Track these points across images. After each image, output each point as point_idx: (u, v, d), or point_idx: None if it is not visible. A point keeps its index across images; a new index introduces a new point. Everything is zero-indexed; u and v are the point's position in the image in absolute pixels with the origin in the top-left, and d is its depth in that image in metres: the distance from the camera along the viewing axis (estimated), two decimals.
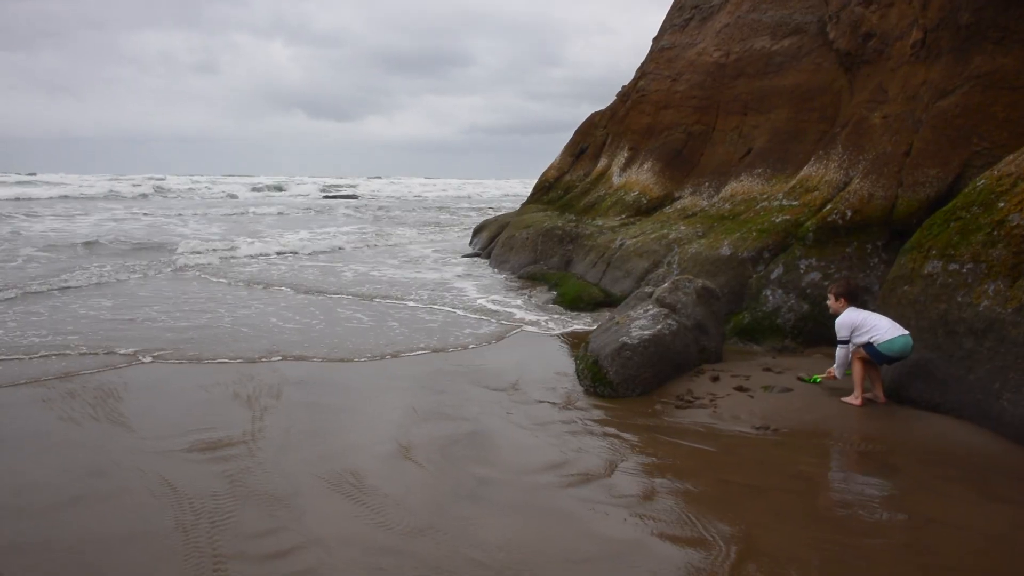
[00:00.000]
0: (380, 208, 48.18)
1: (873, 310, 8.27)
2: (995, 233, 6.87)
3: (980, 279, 6.71)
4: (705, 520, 4.78)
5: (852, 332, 7.09)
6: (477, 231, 23.07)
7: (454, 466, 5.70)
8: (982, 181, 7.77)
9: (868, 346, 6.96)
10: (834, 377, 7.32)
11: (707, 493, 5.22)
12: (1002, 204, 7.10)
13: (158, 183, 71.20)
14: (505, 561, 4.26)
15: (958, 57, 10.23)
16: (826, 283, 9.65)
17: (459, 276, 16.75)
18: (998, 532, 4.56)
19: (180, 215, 37.22)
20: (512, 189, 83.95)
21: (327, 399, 7.44)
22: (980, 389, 6.30)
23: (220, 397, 7.42)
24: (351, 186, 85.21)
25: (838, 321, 7.23)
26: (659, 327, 8.22)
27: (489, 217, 27.32)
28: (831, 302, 7.46)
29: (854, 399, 7.07)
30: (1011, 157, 7.83)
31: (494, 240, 20.21)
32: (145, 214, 37.44)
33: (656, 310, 8.66)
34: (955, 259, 7.05)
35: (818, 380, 7.72)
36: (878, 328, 6.93)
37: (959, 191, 8.72)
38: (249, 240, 23.84)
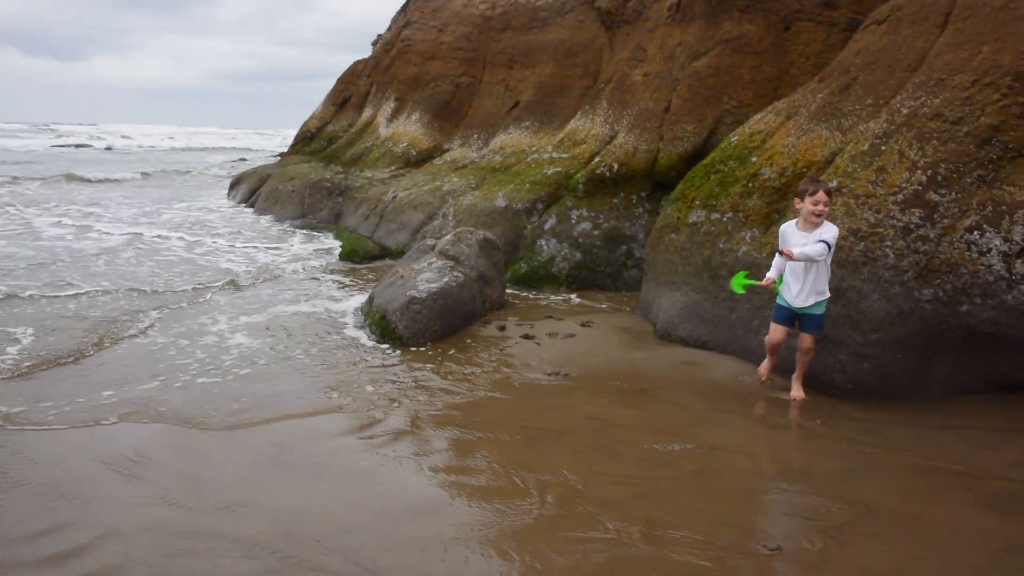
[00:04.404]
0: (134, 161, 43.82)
1: (640, 257, 8.81)
2: (750, 185, 7.53)
3: (738, 227, 7.34)
4: (516, 468, 4.84)
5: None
6: (234, 184, 21.67)
7: (250, 433, 5.33)
8: (736, 137, 8.48)
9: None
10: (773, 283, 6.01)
11: (513, 441, 5.30)
12: (755, 159, 7.79)
13: None
14: (320, 529, 4.05)
15: (710, 22, 11.02)
16: (596, 232, 10.16)
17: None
18: (772, 453, 5.08)
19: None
20: (267, 139, 79.80)
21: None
22: (741, 327, 6.94)
23: None
24: (97, 135, 74.79)
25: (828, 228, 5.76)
26: (446, 279, 8.19)
27: (247, 169, 25.73)
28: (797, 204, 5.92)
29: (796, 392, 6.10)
30: (759, 116, 8.61)
31: (255, 193, 19.10)
32: None
33: (441, 262, 8.62)
34: (716, 209, 7.66)
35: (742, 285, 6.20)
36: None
37: (713, 146, 9.46)
38: None
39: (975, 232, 5.94)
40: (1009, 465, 4.92)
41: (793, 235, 5.92)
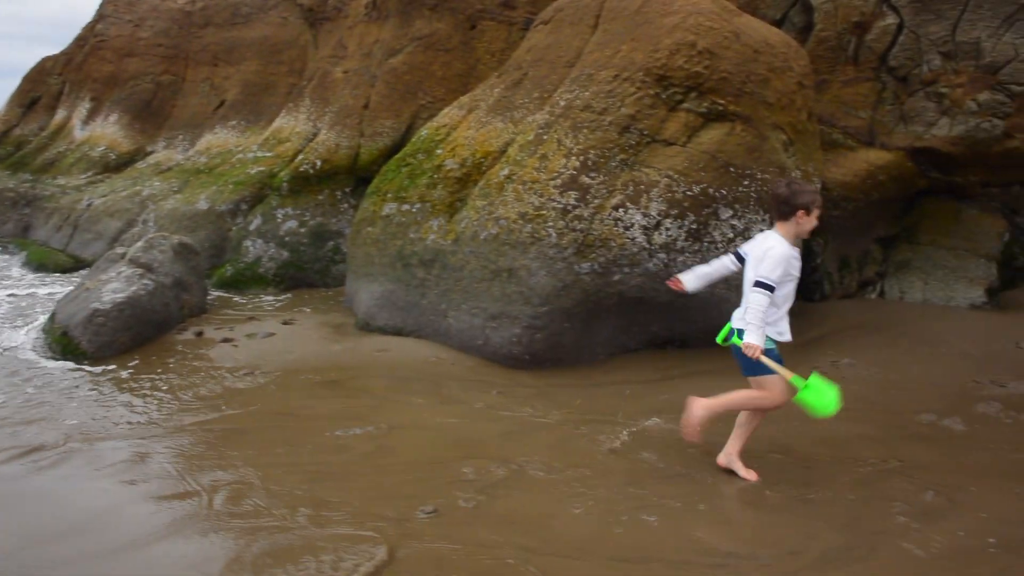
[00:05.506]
0: None
1: (347, 253, 8.92)
2: (435, 176, 7.90)
3: (427, 216, 7.68)
4: (191, 471, 4.77)
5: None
6: None
7: None
8: (425, 131, 8.85)
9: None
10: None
11: (196, 445, 5.22)
12: (440, 151, 8.18)
13: None
14: None
15: (403, 20, 11.35)
16: (303, 230, 10.13)
17: None
18: (447, 426, 5.42)
19: None
20: None
21: None
22: (432, 311, 7.29)
23: None
24: None
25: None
26: (134, 288, 7.80)
27: None
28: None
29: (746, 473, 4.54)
30: (446, 111, 9.04)
31: None
32: None
33: (130, 271, 8.18)
34: (407, 200, 7.95)
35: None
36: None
37: (411, 140, 9.77)
38: None
39: (620, 210, 6.70)
40: (649, 411, 5.63)
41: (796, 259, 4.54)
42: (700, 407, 4.51)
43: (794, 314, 7.98)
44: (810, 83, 7.97)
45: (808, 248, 8.38)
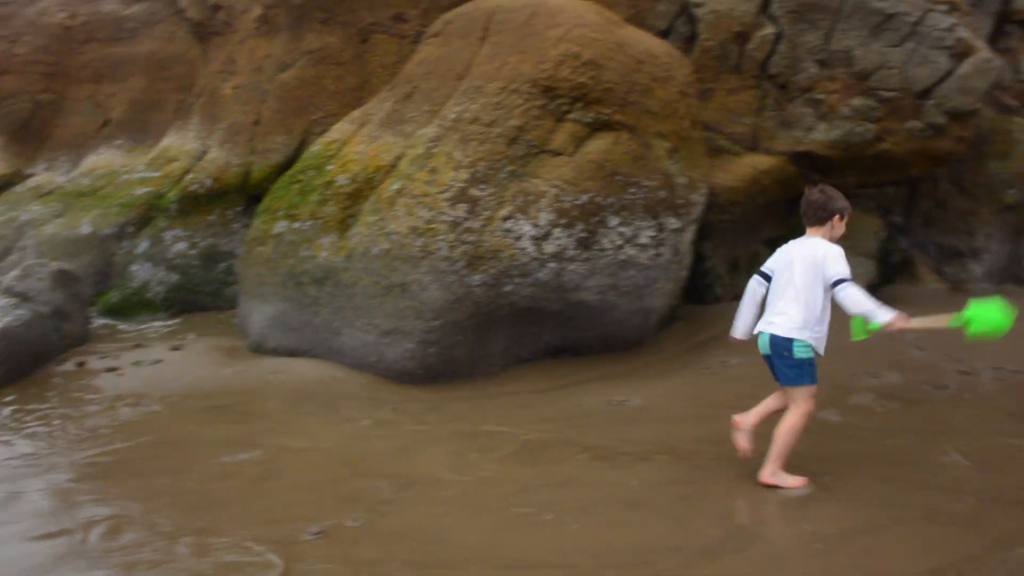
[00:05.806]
0: None
1: (239, 273, 8.70)
2: (326, 193, 7.80)
3: (318, 233, 7.56)
4: (69, 509, 4.57)
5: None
6: None
7: None
8: (316, 147, 8.74)
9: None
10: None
11: (74, 481, 5.01)
12: (331, 167, 8.08)
13: None
14: None
15: (294, 34, 11.19)
16: (193, 251, 9.84)
17: None
18: (338, 445, 5.36)
19: None
20: None
21: None
22: (325, 329, 7.17)
23: None
24: None
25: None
26: (8, 319, 7.43)
27: None
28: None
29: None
30: (338, 125, 8.95)
31: None
32: None
33: (4, 301, 7.79)
34: (298, 218, 7.81)
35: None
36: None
37: (302, 156, 9.62)
38: None
39: (510, 221, 6.75)
40: (540, 419, 5.69)
41: None
42: (767, 477, 4.44)
43: (685, 318, 8.33)
44: (693, 92, 8.22)
45: (698, 252, 8.61)
